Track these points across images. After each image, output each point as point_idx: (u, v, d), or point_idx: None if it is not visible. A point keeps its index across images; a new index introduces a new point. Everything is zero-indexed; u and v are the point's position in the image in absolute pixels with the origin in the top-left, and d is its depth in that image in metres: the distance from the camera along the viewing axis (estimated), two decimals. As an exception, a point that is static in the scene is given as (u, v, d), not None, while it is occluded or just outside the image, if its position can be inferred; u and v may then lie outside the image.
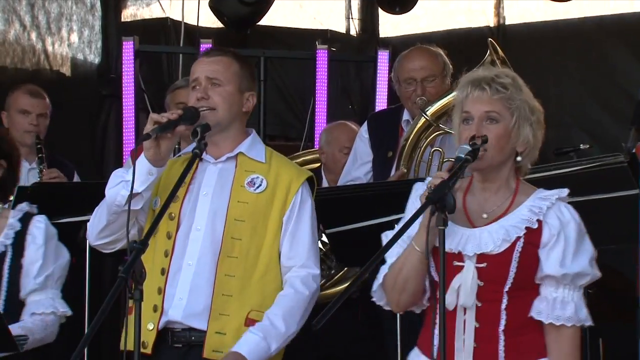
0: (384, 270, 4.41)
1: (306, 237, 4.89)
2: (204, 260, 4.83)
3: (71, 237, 6.61)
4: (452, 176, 4.17)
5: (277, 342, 4.80)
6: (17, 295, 5.05)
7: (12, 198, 5.47)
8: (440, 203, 4.06)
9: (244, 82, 5.00)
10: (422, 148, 6.74)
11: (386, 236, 4.36)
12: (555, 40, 6.09)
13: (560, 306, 4.24)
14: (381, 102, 9.13)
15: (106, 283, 7.03)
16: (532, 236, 4.28)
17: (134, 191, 4.61)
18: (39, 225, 5.22)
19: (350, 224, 5.43)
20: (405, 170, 6.74)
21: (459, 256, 4.31)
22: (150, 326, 4.79)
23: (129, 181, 4.61)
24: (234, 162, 4.98)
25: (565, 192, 4.36)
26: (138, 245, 4.33)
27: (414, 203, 4.42)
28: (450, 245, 4.27)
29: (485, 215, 4.38)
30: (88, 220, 6.42)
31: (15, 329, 5.04)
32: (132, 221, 4.66)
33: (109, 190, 4.81)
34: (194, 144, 4.89)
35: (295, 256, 4.86)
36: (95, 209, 4.95)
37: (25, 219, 5.26)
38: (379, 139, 7.20)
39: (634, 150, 6.08)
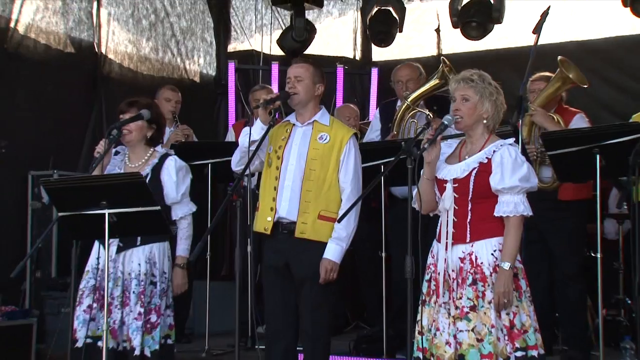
0: (415, 190, 4.45)
1: (352, 169, 4.95)
2: (295, 182, 4.92)
3: (200, 171, 6.65)
4: (432, 135, 4.36)
5: (346, 241, 4.93)
6: (162, 200, 5.01)
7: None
8: (409, 154, 4.25)
9: (315, 78, 5.04)
10: (406, 120, 6.79)
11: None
12: (471, 66, 6.04)
13: (506, 205, 4.29)
14: (372, 99, 9.04)
15: (220, 198, 6.98)
16: (485, 167, 4.34)
17: (251, 139, 4.83)
18: (170, 162, 5.15)
19: (366, 163, 5.46)
20: (396, 133, 6.80)
21: (446, 181, 4.40)
22: (269, 219, 4.93)
23: (250, 137, 4.86)
24: (311, 125, 5.03)
25: (510, 140, 4.46)
26: (238, 175, 4.87)
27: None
28: (442, 175, 4.44)
29: (467, 157, 4.45)
30: (209, 163, 6.79)
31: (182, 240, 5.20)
32: (256, 159, 4.97)
33: (240, 138, 5.05)
34: (292, 115, 5.18)
35: (346, 181, 4.93)
36: (235, 151, 5.12)
37: (163, 157, 5.20)
38: (384, 116, 7.20)
39: (516, 124, 6.06)
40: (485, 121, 4.42)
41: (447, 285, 4.34)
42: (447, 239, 4.36)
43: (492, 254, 4.28)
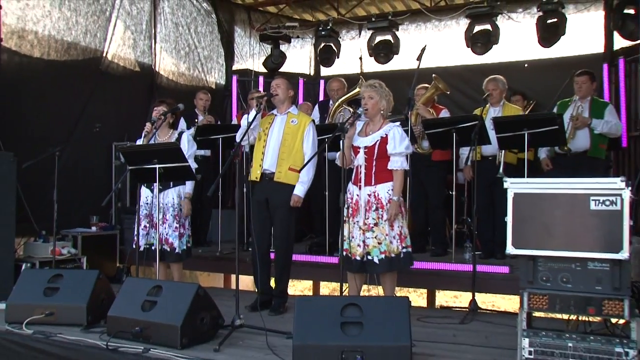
0: (339, 153, 4.44)
1: (310, 141, 4.83)
2: (275, 148, 4.81)
3: (213, 142, 6.51)
4: (352, 121, 4.37)
5: (307, 184, 4.83)
6: None
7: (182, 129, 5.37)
8: (343, 131, 4.23)
9: (288, 86, 4.92)
10: (337, 114, 6.66)
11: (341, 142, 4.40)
12: (387, 79, 6.00)
13: (396, 162, 4.33)
14: (321, 98, 8.79)
15: (225, 158, 6.85)
16: (384, 140, 4.33)
17: (248, 120, 4.67)
18: (184, 137, 5.09)
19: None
20: (331, 120, 6.64)
21: (359, 147, 4.38)
22: (258, 171, 4.79)
23: (248, 119, 4.66)
24: (286, 115, 4.88)
25: (397, 124, 4.43)
26: (237, 143, 4.59)
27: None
28: (357, 144, 4.41)
29: (371, 133, 4.41)
30: (221, 137, 6.47)
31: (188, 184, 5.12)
32: (251, 135, 4.80)
33: (242, 122, 4.95)
34: (275, 109, 4.99)
35: (307, 147, 4.81)
36: (239, 130, 4.98)
37: (180, 134, 5.15)
38: (321, 110, 7.06)
39: (407, 115, 6.05)
40: (382, 112, 4.45)
41: (359, 211, 4.38)
42: (360, 182, 4.39)
43: (388, 192, 4.34)
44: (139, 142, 5.12)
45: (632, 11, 6.64)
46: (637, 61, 7.11)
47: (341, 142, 4.37)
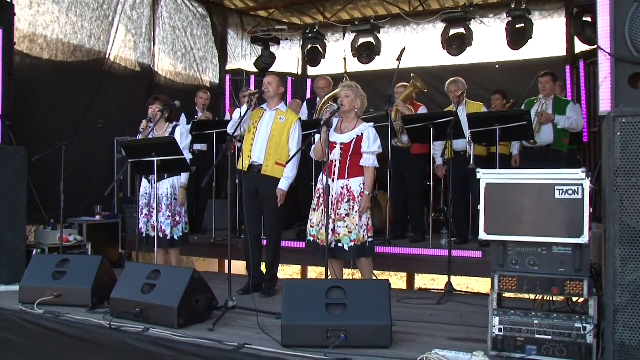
0: (316, 144, 4.41)
1: (296, 137, 4.75)
2: (263, 142, 4.73)
3: (209, 137, 6.46)
4: (331, 116, 4.30)
5: (291, 178, 4.75)
6: None
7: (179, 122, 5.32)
8: (328, 125, 4.20)
9: (280, 83, 4.84)
10: (324, 109, 6.52)
11: (317, 135, 4.39)
12: (364, 80, 5.97)
13: (368, 160, 4.28)
14: (308, 96, 8.72)
15: (219, 151, 6.77)
16: (359, 139, 4.28)
17: (240, 115, 4.64)
18: (177, 130, 5.02)
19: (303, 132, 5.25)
20: (318, 116, 6.54)
21: (335, 143, 4.31)
22: (247, 162, 4.71)
23: (240, 113, 4.63)
24: (275, 111, 4.81)
25: (371, 124, 4.38)
26: (229, 137, 4.52)
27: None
28: (333, 139, 4.32)
29: (345, 130, 4.36)
30: (214, 132, 6.38)
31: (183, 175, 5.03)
32: (242, 127, 4.70)
33: (234, 115, 4.86)
34: (265, 104, 4.90)
35: (292, 143, 4.74)
36: (230, 123, 4.87)
37: (174, 127, 5.08)
38: (310, 107, 7.00)
39: (388, 111, 6.03)
40: (356, 110, 4.42)
41: (330, 201, 4.37)
42: (333, 175, 4.36)
43: (359, 186, 4.33)
44: (139, 137, 5.07)
45: (589, 19, 6.72)
46: (595, 64, 7.11)
47: (317, 136, 4.38)
